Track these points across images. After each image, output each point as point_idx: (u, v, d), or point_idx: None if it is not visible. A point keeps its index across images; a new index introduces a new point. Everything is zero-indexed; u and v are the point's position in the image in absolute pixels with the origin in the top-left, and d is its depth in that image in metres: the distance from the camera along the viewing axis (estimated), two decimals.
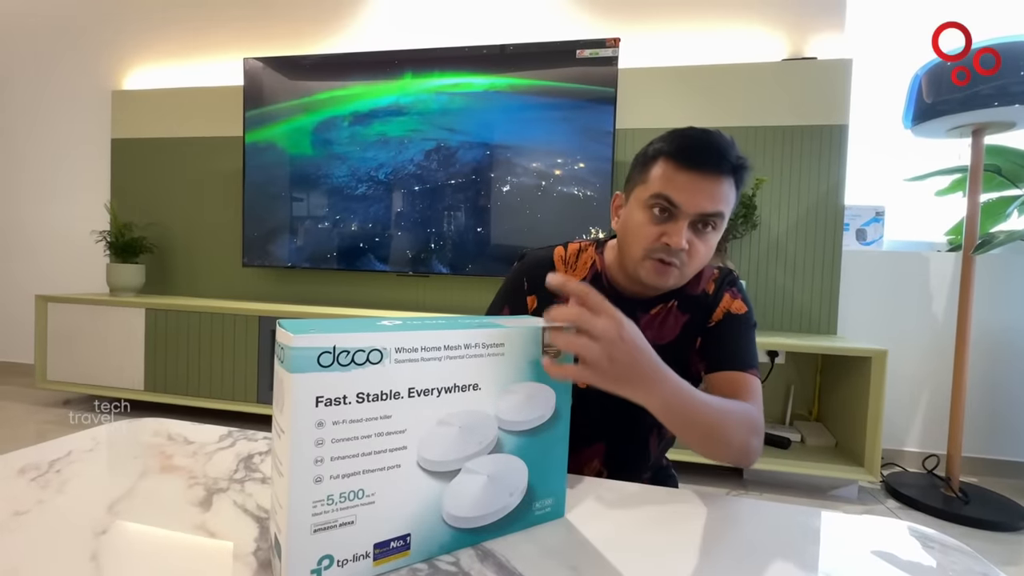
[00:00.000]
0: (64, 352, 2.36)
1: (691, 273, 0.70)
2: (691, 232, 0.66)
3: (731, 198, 0.67)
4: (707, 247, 0.68)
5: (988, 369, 1.95)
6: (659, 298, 0.76)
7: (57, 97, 2.87)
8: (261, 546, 0.45)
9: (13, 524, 0.47)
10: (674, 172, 0.66)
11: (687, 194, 0.65)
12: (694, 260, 0.67)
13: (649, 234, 0.67)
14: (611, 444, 0.77)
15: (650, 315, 0.75)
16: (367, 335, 0.38)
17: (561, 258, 0.81)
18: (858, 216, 2.08)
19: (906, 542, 0.52)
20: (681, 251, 0.65)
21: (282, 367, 0.37)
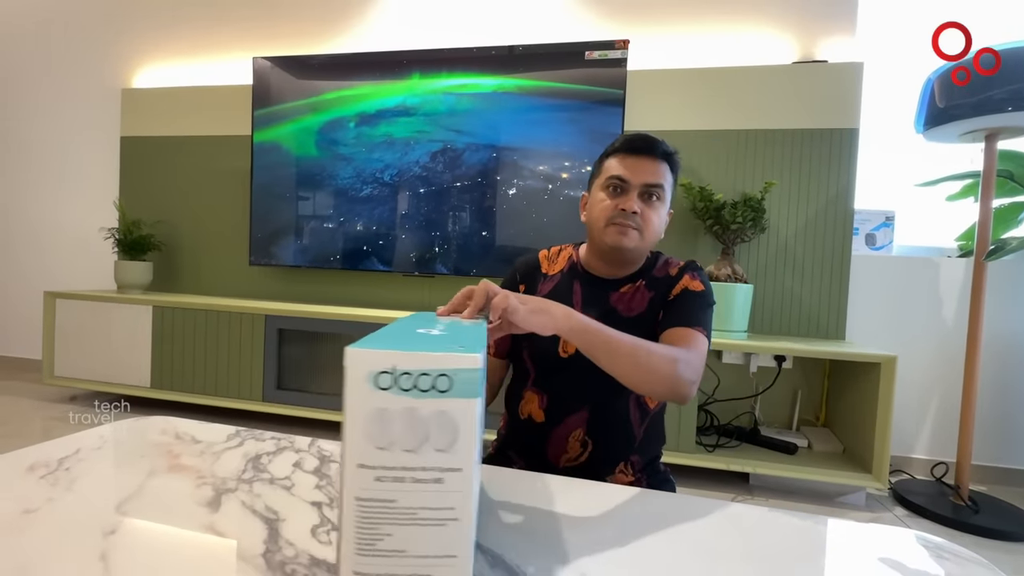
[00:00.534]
0: (71, 348, 2.37)
1: (649, 237, 0.84)
2: (641, 201, 0.83)
3: (668, 177, 0.85)
4: (657, 216, 0.84)
5: (998, 376, 1.93)
6: (627, 279, 0.89)
7: (67, 95, 2.89)
8: (270, 547, 0.45)
9: (23, 522, 0.47)
10: (622, 159, 0.84)
11: (633, 171, 0.83)
12: (648, 224, 0.83)
13: (608, 206, 0.84)
14: (594, 412, 0.85)
15: (620, 292, 0.88)
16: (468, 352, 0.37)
17: (545, 256, 0.97)
18: (868, 221, 2.06)
19: (917, 552, 0.52)
20: (635, 214, 0.81)
21: (447, 397, 0.31)
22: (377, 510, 0.32)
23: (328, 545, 0.45)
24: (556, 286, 0.92)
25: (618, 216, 0.82)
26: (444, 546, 0.32)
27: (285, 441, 0.72)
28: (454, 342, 0.35)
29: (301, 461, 0.65)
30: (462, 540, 0.32)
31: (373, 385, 0.31)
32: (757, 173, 2.04)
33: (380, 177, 2.31)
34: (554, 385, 0.88)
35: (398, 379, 0.31)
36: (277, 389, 2.15)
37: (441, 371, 0.31)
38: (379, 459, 0.31)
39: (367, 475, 0.31)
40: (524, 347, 0.91)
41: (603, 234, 0.84)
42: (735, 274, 1.87)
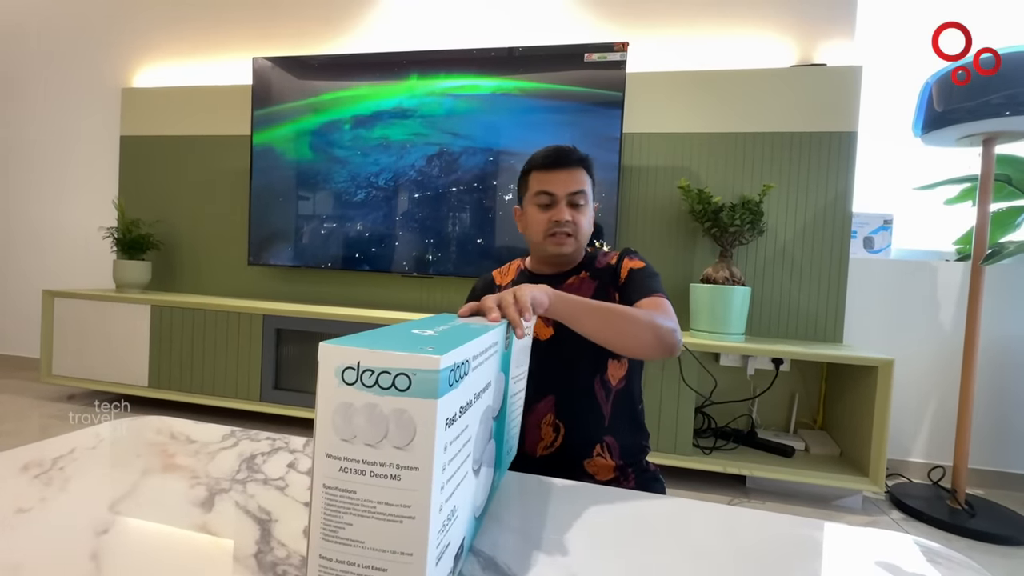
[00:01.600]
0: (70, 347, 2.37)
1: (583, 238, 0.95)
2: (570, 210, 0.92)
3: (587, 179, 0.94)
4: (585, 217, 0.94)
5: (995, 380, 1.93)
6: (570, 272, 0.98)
7: (67, 94, 2.89)
8: (262, 548, 0.45)
9: (16, 521, 0.47)
10: (544, 175, 0.94)
11: (557, 184, 0.93)
12: (580, 228, 0.93)
13: (542, 220, 0.93)
14: (560, 395, 0.90)
15: (566, 284, 0.96)
16: (465, 348, 0.37)
17: (498, 272, 1.08)
18: (866, 224, 2.06)
19: (911, 556, 0.52)
20: (567, 222, 0.91)
21: (406, 396, 0.32)
22: (340, 499, 0.33)
23: None
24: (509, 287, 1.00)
25: (553, 227, 0.92)
26: (400, 543, 0.32)
27: (280, 441, 0.72)
28: (430, 344, 0.36)
29: (295, 462, 0.65)
30: (418, 540, 0.32)
31: (340, 380, 0.33)
32: (755, 176, 2.04)
33: (377, 179, 2.31)
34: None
35: (361, 375, 0.32)
36: (275, 389, 2.15)
37: (401, 370, 0.32)
38: (343, 450, 0.33)
39: (332, 464, 0.33)
40: None
41: (544, 246, 0.95)
42: (733, 276, 1.87)
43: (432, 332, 0.41)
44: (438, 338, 0.38)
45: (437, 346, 0.35)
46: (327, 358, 0.33)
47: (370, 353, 0.32)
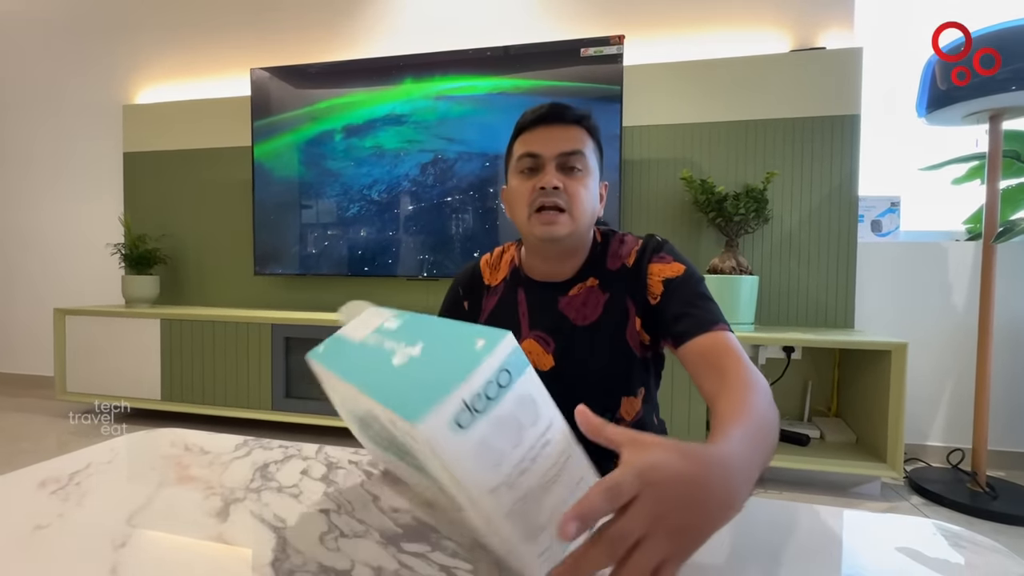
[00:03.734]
0: (83, 364, 2.40)
1: (581, 216, 0.72)
2: (560, 174, 0.71)
3: (586, 141, 0.73)
4: (585, 188, 0.72)
5: (1012, 359, 1.90)
6: (576, 278, 0.77)
7: (71, 113, 2.92)
8: (279, 556, 0.45)
9: (35, 538, 0.48)
10: (529, 134, 0.74)
11: (543, 143, 0.72)
12: (576, 200, 0.71)
13: (526, 190, 0.73)
14: (563, 407, 0.73)
15: (569, 296, 0.77)
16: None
17: (487, 263, 0.87)
18: (873, 207, 2.04)
19: (935, 541, 0.51)
20: (556, 190, 0.70)
21: (509, 388, 0.32)
22: (525, 506, 0.33)
23: (336, 552, 0.45)
24: (500, 300, 0.83)
25: (539, 199, 0.70)
26: (574, 480, 0.35)
27: (292, 449, 0.73)
28: (467, 337, 0.35)
29: (308, 469, 0.65)
30: (582, 465, 0.36)
31: (456, 427, 0.31)
32: (759, 163, 2.03)
33: (370, 191, 2.31)
34: None
35: (473, 408, 0.31)
36: (286, 397, 2.16)
37: (493, 374, 0.32)
38: (501, 475, 0.32)
39: (501, 494, 0.32)
40: None
41: (530, 227, 0.73)
42: (740, 266, 1.86)
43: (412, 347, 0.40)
44: (457, 329, 0.38)
45: (477, 333, 0.34)
46: (434, 427, 0.30)
47: (466, 384, 0.31)
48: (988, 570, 0.45)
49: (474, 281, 0.86)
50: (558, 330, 0.77)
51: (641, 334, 0.75)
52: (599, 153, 0.77)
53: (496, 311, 0.83)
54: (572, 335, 0.76)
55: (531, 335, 0.78)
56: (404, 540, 0.47)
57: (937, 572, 0.44)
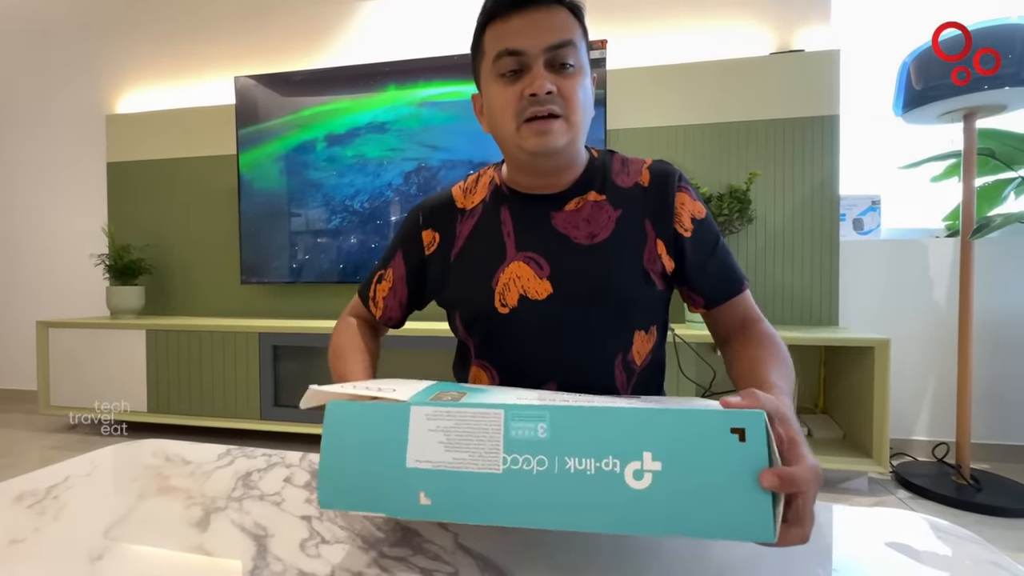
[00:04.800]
0: (67, 377, 2.36)
1: (579, 122, 0.62)
2: (552, 74, 0.59)
3: (576, 28, 0.61)
4: (582, 89, 0.61)
5: (994, 353, 1.94)
6: (572, 191, 0.67)
7: (53, 124, 2.89)
8: (258, 564, 0.44)
9: (9, 552, 0.47)
10: (503, 24, 0.60)
11: (525, 36, 0.59)
12: (573, 105, 0.60)
13: (511, 97, 0.60)
14: (564, 380, 0.65)
15: (566, 212, 0.67)
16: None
17: (461, 189, 0.75)
18: (854, 206, 2.07)
19: (919, 534, 0.51)
20: (550, 95, 0.59)
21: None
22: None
23: (317, 558, 0.45)
24: (478, 222, 0.70)
25: (529, 107, 0.59)
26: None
27: (276, 457, 0.72)
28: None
29: (292, 476, 0.65)
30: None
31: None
32: (741, 164, 2.05)
33: (352, 202, 2.31)
34: (504, 354, 0.69)
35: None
36: (274, 406, 2.14)
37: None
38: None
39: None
40: (456, 307, 0.71)
41: (519, 141, 0.61)
42: None
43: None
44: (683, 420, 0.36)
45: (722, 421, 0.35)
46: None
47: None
48: (968, 561, 0.46)
49: (444, 207, 0.73)
50: (554, 251, 0.66)
51: (664, 259, 0.65)
52: (586, 41, 0.65)
53: (474, 234, 0.70)
54: (574, 255, 0.65)
55: (519, 256, 0.67)
56: (385, 545, 0.47)
57: (923, 564, 0.45)
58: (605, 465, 0.35)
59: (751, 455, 0.34)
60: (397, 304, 0.77)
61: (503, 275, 0.67)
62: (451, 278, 0.72)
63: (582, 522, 0.35)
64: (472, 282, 0.69)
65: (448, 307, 0.73)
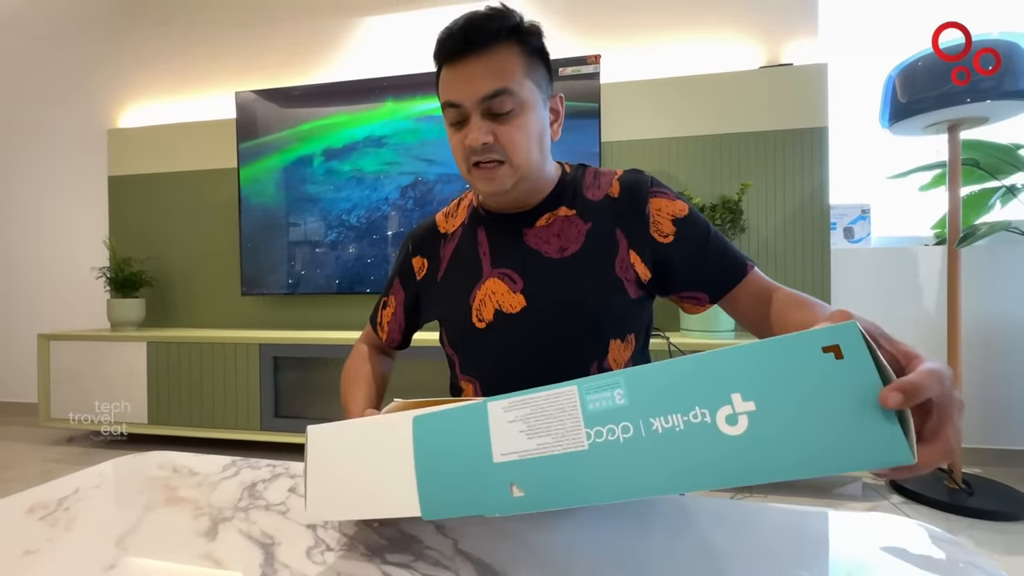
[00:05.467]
0: (67, 389, 2.37)
1: (525, 163, 0.64)
2: (490, 123, 0.62)
3: (514, 68, 0.61)
4: (521, 131, 0.62)
5: (984, 358, 1.97)
6: (542, 206, 0.70)
7: (54, 139, 2.92)
8: (266, 571, 0.46)
9: (23, 564, 0.49)
10: (446, 74, 0.63)
11: (459, 88, 0.61)
12: (514, 148, 0.62)
13: (457, 144, 0.64)
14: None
15: (537, 228, 0.70)
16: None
17: (444, 215, 0.80)
18: (844, 215, 2.11)
19: (910, 540, 0.52)
20: (486, 146, 0.61)
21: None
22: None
23: (322, 565, 0.47)
24: (458, 244, 0.76)
25: (473, 156, 0.63)
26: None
27: (280, 468, 0.74)
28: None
29: (295, 486, 0.67)
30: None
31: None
32: (733, 175, 2.09)
33: (349, 216, 2.34)
34: (484, 366, 0.72)
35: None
36: (275, 417, 2.16)
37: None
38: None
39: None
40: (442, 326, 0.77)
41: (472, 182, 0.67)
42: None
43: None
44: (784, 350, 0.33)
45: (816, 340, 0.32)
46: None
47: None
48: (960, 565, 0.47)
49: (430, 233, 0.79)
50: (527, 266, 0.69)
51: (637, 267, 0.67)
52: (542, 64, 0.65)
53: (455, 256, 0.76)
54: (546, 269, 0.68)
55: (494, 273, 0.71)
56: (388, 551, 0.49)
57: (916, 568, 0.46)
58: (694, 417, 0.33)
59: (856, 371, 0.30)
60: (398, 328, 0.83)
61: (479, 291, 0.71)
62: (437, 299, 0.77)
63: (683, 483, 0.33)
64: (452, 300, 0.73)
65: (440, 326, 0.79)
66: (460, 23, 0.61)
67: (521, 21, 0.63)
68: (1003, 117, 1.62)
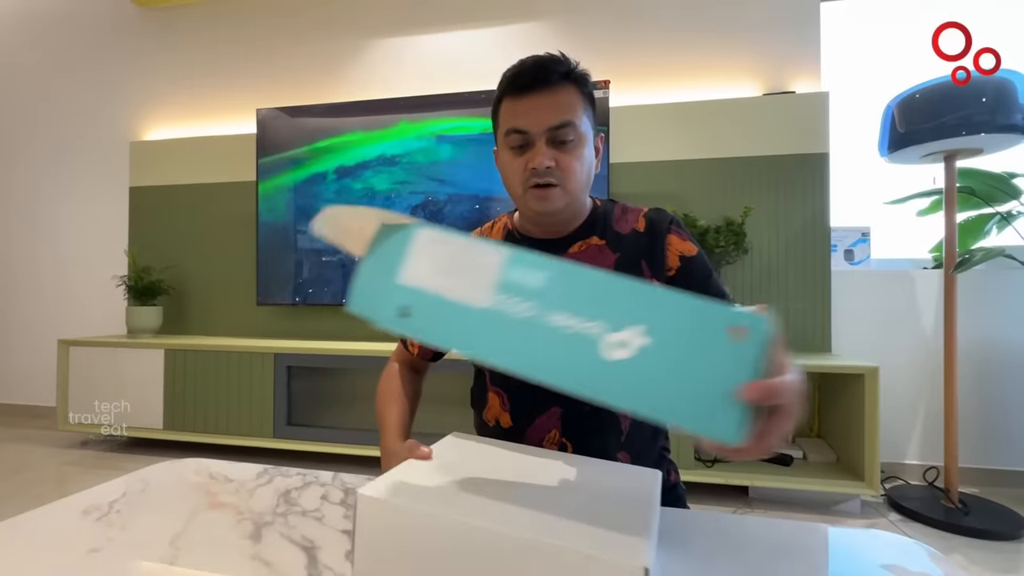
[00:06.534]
0: (85, 394, 2.43)
1: (578, 188, 0.72)
2: (553, 150, 0.69)
3: (576, 105, 0.70)
4: (579, 160, 0.70)
5: (979, 381, 2.01)
6: (576, 234, 0.77)
7: (78, 150, 3.02)
8: (312, 572, 0.52)
9: (91, 560, 0.55)
10: (514, 104, 0.70)
11: (530, 117, 0.69)
12: (570, 175, 0.70)
13: (518, 167, 0.71)
14: (566, 407, 0.73)
15: (570, 254, 0.76)
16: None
17: (478, 235, 0.85)
18: (845, 237, 2.17)
19: (902, 555, 0.54)
20: (548, 169, 0.69)
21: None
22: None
23: None
24: None
25: (532, 178, 0.70)
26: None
27: (310, 476, 0.80)
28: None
29: (327, 494, 0.73)
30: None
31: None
32: (737, 198, 2.15)
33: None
34: (514, 382, 0.76)
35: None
36: (288, 425, 2.21)
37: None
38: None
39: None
40: None
41: (526, 202, 0.73)
42: None
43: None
44: (674, 302, 0.35)
45: (720, 315, 0.35)
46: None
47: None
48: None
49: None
50: None
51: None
52: (591, 106, 0.73)
53: None
54: None
55: None
56: None
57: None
58: (586, 328, 0.35)
59: (745, 357, 0.33)
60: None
61: None
62: None
63: (549, 376, 0.35)
64: None
65: None
66: (529, 63, 0.70)
67: (575, 68, 0.72)
68: (997, 149, 1.68)
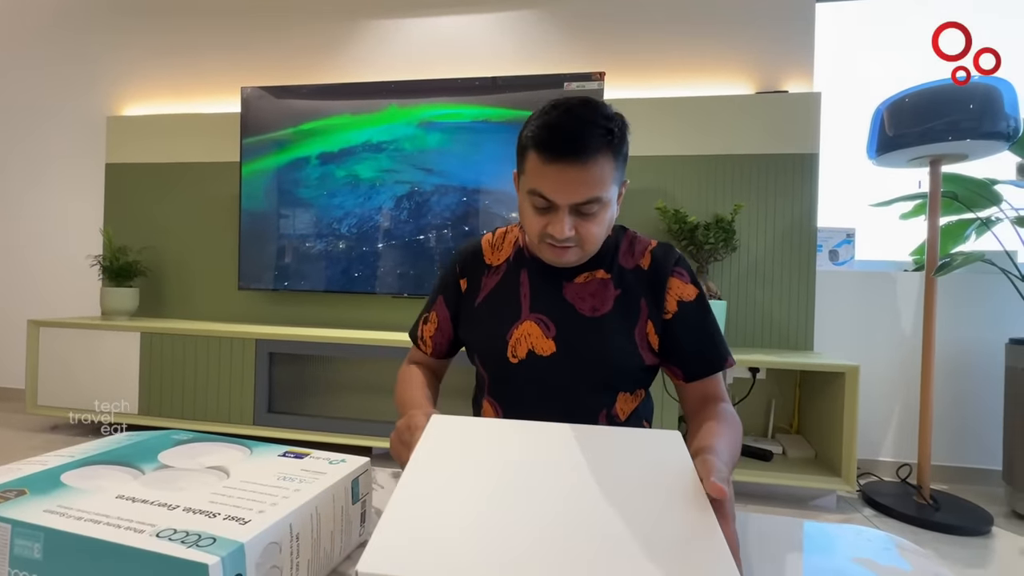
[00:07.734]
0: (56, 377, 2.35)
1: (592, 249, 0.73)
2: (575, 218, 0.68)
3: (606, 177, 0.66)
4: (598, 225, 0.69)
5: (954, 381, 2.07)
6: (584, 267, 0.77)
7: (52, 123, 2.89)
8: None
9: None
10: (542, 166, 0.66)
11: (558, 189, 0.66)
12: (589, 239, 0.70)
13: (536, 224, 0.71)
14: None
15: (575, 283, 0.77)
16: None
17: (489, 242, 0.86)
18: (830, 238, 2.20)
19: (875, 549, 0.56)
20: (569, 238, 0.69)
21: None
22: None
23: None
24: (502, 280, 0.82)
25: (548, 238, 0.70)
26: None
27: None
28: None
29: None
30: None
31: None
32: (727, 195, 2.17)
33: (368, 200, 2.37)
34: (507, 395, 0.81)
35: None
36: (268, 412, 2.17)
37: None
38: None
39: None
40: (474, 348, 0.84)
41: (538, 249, 0.73)
42: (710, 291, 1.98)
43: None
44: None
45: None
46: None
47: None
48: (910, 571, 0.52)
49: (475, 259, 0.85)
50: (561, 317, 0.76)
51: (651, 337, 0.76)
52: (623, 163, 0.70)
53: (497, 290, 0.82)
54: (577, 324, 0.76)
55: (531, 317, 0.78)
56: None
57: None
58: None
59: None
60: (445, 341, 0.89)
61: (517, 331, 0.78)
62: (473, 322, 0.83)
63: None
64: (491, 332, 0.81)
65: (467, 344, 0.86)
66: (566, 124, 0.65)
67: (618, 129, 0.66)
68: (981, 155, 1.72)
